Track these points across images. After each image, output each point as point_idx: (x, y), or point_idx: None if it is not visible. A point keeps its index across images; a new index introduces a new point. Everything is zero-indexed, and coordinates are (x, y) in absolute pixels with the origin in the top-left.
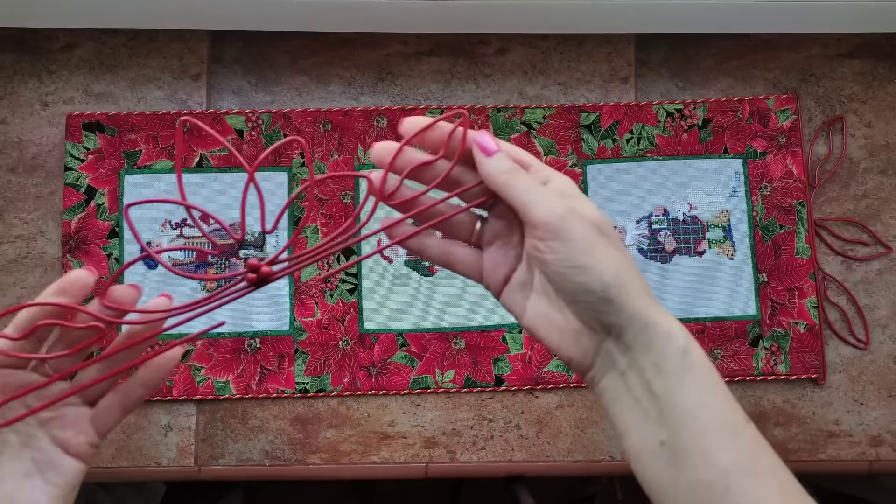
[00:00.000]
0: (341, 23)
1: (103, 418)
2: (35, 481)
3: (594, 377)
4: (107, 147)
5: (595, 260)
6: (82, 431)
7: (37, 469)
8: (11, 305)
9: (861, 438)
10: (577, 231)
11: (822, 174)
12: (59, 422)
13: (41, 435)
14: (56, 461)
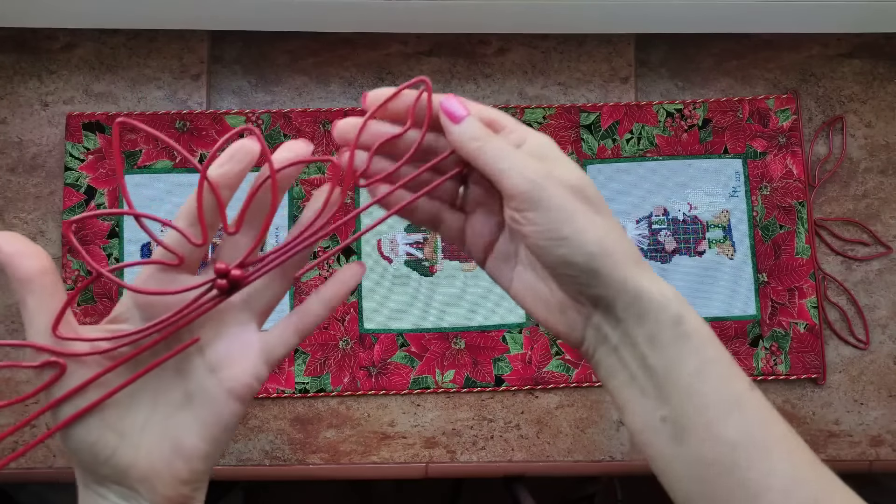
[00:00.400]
0: (341, 23)
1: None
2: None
3: (587, 350)
4: (107, 147)
5: (576, 229)
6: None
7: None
8: (11, 306)
9: (861, 438)
10: (555, 199)
11: (822, 174)
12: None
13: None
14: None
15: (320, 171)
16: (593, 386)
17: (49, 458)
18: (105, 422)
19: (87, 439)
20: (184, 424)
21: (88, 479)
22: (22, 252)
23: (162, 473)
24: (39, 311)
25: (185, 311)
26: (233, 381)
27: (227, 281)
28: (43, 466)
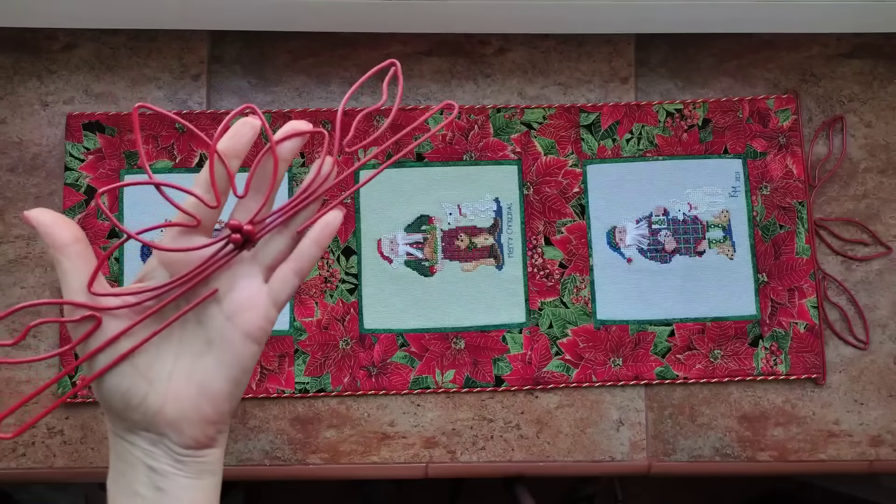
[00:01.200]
0: (341, 23)
1: (279, 286)
2: (208, 360)
3: None
4: (107, 147)
5: None
6: (257, 303)
7: (210, 348)
8: (12, 306)
9: (861, 438)
10: None
11: (822, 174)
12: (235, 296)
13: (216, 312)
14: (229, 339)
15: None
16: (593, 386)
17: (49, 458)
18: (136, 369)
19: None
20: (208, 368)
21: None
22: (57, 222)
23: (189, 415)
24: (74, 273)
25: (205, 266)
26: (247, 324)
27: (240, 235)
28: (43, 466)
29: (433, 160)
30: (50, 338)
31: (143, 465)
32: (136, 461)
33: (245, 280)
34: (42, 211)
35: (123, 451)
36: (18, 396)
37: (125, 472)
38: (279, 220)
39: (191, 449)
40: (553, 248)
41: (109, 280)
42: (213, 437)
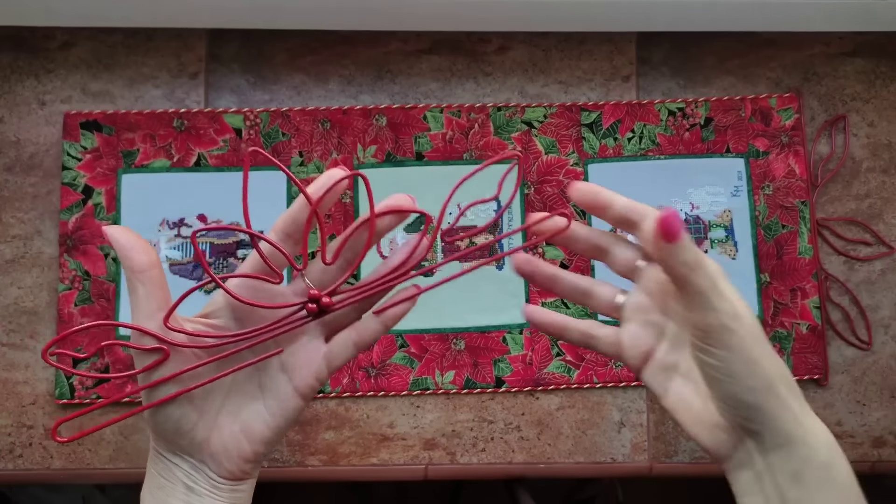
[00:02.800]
0: (340, 21)
1: (337, 352)
2: (257, 406)
3: (728, 467)
4: (104, 146)
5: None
6: (313, 362)
7: (262, 394)
8: (9, 307)
9: (863, 439)
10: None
11: (824, 173)
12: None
13: (274, 361)
14: (281, 391)
15: (319, 170)
16: (594, 387)
17: (47, 459)
18: (190, 401)
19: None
20: (255, 412)
21: (163, 447)
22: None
23: (230, 450)
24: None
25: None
26: (299, 380)
27: (317, 306)
28: (40, 468)
29: (433, 159)
30: (47, 338)
31: (182, 484)
32: (176, 479)
33: (306, 338)
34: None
35: (165, 468)
36: (16, 397)
37: (164, 487)
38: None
39: (226, 480)
40: (554, 248)
41: (107, 280)
42: (247, 473)
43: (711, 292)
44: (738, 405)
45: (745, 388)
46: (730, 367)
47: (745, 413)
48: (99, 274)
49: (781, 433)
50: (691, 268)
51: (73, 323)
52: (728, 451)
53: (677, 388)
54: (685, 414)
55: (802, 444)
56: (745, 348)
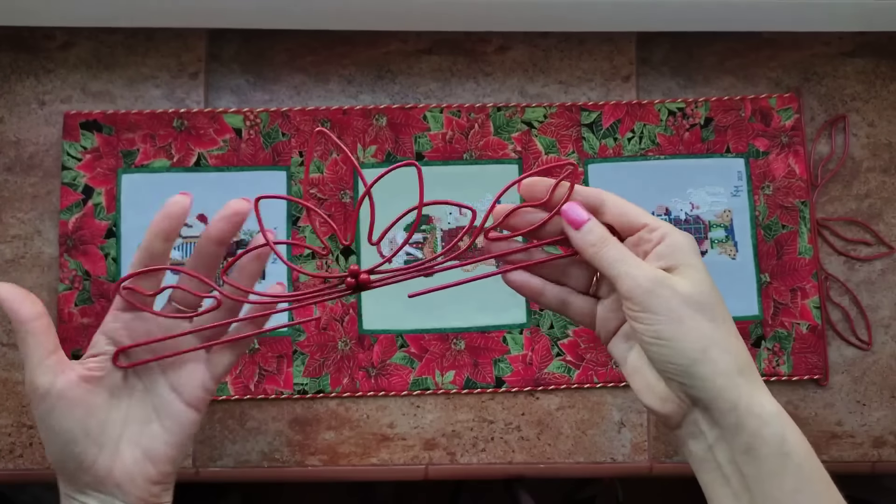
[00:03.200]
0: (340, 21)
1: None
2: (154, 428)
3: (679, 437)
4: (104, 146)
5: (680, 333)
6: (198, 377)
7: (156, 415)
8: None
9: (864, 440)
10: (663, 304)
11: (824, 173)
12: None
13: (162, 382)
14: (173, 409)
15: (319, 170)
16: (594, 387)
17: (47, 459)
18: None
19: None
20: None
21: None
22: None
23: (135, 477)
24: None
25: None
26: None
27: (355, 280)
28: (40, 468)
29: (433, 159)
30: None
31: None
32: None
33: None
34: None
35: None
36: (16, 397)
37: None
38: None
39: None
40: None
41: (107, 280)
42: (157, 495)
43: (623, 263)
44: (672, 370)
45: (676, 350)
46: (657, 330)
47: (682, 378)
48: (99, 274)
49: (726, 403)
50: (599, 246)
51: (74, 323)
52: (678, 421)
53: (635, 358)
54: (640, 383)
55: (750, 415)
56: (672, 310)
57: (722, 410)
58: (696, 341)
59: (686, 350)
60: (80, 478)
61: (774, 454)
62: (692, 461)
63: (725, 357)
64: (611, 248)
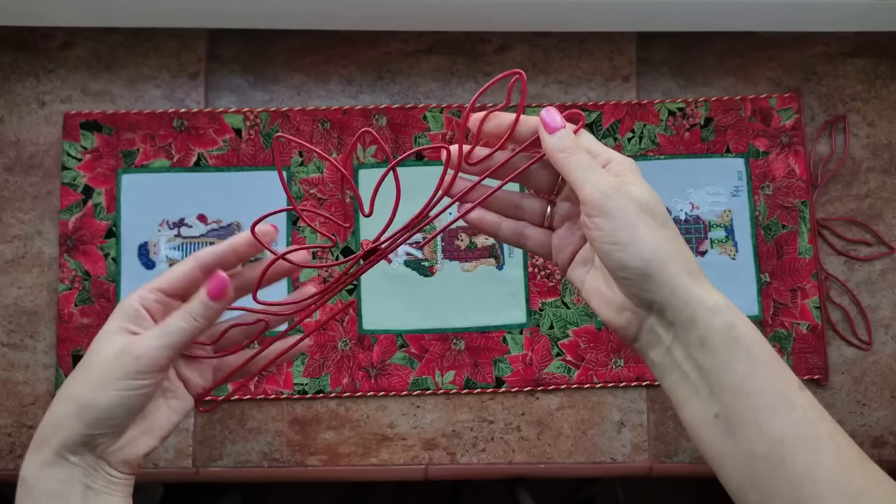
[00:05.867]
0: (340, 21)
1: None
2: (160, 404)
3: (641, 349)
4: (104, 146)
5: (635, 237)
6: (203, 376)
7: (163, 395)
8: (9, 307)
9: (864, 440)
10: (620, 209)
11: (824, 173)
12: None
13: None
14: (179, 392)
15: (319, 170)
16: (594, 387)
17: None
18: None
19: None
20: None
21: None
22: None
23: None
24: None
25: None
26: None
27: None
28: None
29: (433, 159)
30: (47, 338)
31: (80, 485)
32: (74, 481)
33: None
34: None
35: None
36: (16, 397)
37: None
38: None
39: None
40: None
41: (107, 280)
42: (142, 465)
43: (588, 170)
44: (629, 274)
45: (632, 254)
46: (614, 234)
47: (638, 282)
48: (99, 274)
49: (679, 301)
50: (569, 152)
51: (74, 323)
52: (636, 330)
53: (591, 278)
54: (598, 300)
55: (701, 308)
56: (627, 216)
57: (676, 308)
58: (651, 243)
59: (641, 252)
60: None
61: (725, 342)
62: (655, 370)
63: (677, 258)
64: (580, 155)
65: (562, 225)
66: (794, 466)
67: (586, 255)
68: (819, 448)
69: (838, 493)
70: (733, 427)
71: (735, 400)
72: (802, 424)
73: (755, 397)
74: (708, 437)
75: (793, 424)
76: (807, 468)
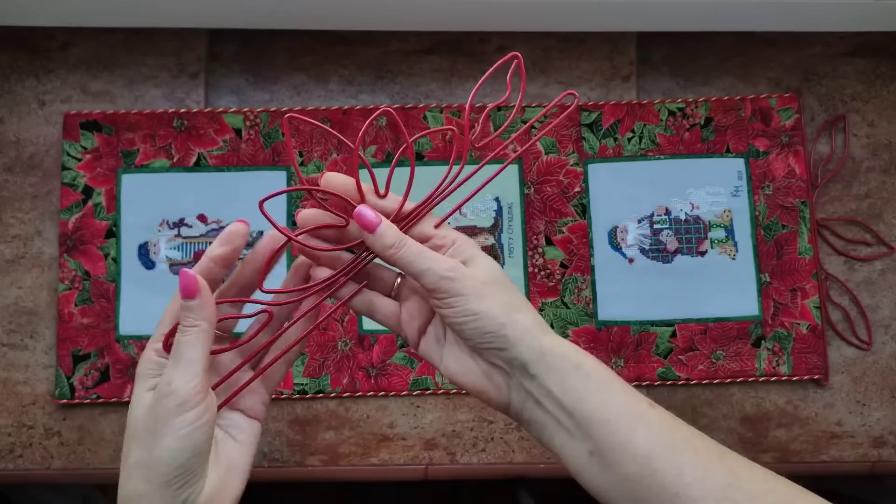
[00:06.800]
0: (340, 21)
1: (272, 375)
2: (228, 443)
3: (516, 411)
4: (104, 146)
5: (486, 306)
6: (256, 393)
7: (227, 433)
8: (9, 307)
9: (863, 440)
10: (466, 286)
11: (824, 174)
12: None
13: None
14: (240, 424)
15: (319, 170)
16: None
17: (46, 459)
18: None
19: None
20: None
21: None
22: None
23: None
24: None
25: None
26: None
27: None
28: (40, 468)
29: (433, 159)
30: (47, 338)
31: None
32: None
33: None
34: None
35: None
36: (16, 397)
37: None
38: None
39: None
40: (554, 248)
41: (107, 280)
42: None
43: (423, 259)
44: (489, 339)
45: (488, 320)
46: (467, 307)
47: (499, 343)
48: (99, 274)
49: (535, 353)
50: (397, 247)
51: (73, 323)
52: (507, 391)
53: (451, 353)
54: (463, 373)
55: (553, 355)
56: (473, 288)
57: (534, 361)
58: (501, 307)
59: (496, 316)
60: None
61: (579, 379)
62: (533, 429)
63: (525, 316)
64: (409, 247)
65: (409, 297)
66: (664, 476)
67: (438, 333)
68: (680, 453)
69: (708, 490)
70: (605, 457)
71: (600, 430)
72: (660, 435)
73: (614, 423)
74: (590, 476)
75: (651, 437)
76: (675, 474)
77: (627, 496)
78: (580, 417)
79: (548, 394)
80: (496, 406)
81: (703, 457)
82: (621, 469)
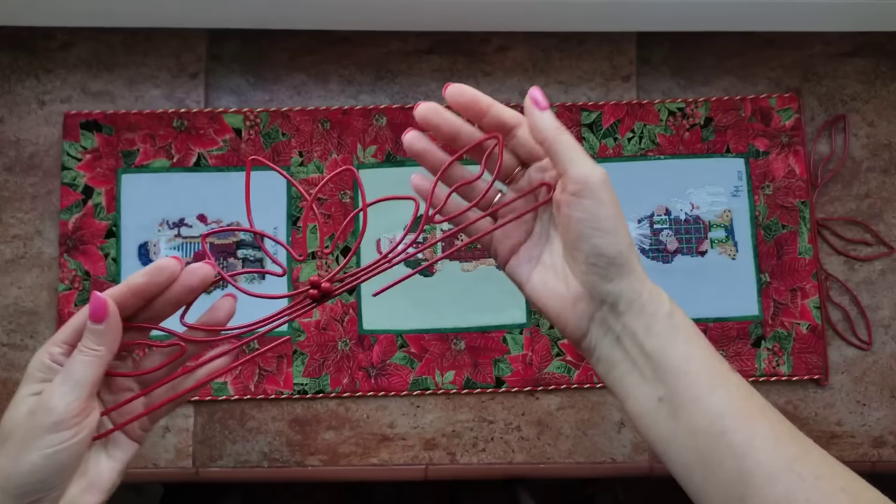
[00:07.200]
0: (340, 21)
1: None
2: (101, 457)
3: (590, 344)
4: (104, 146)
5: (616, 227)
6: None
7: (103, 448)
8: (9, 307)
9: (863, 440)
10: (609, 197)
11: (824, 173)
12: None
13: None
14: (118, 442)
15: (319, 170)
16: (594, 387)
17: None
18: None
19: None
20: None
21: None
22: None
23: None
24: None
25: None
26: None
27: (318, 291)
28: None
29: None
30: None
31: None
32: None
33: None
34: None
35: None
36: None
37: None
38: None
39: None
40: None
41: (107, 280)
42: None
43: (577, 151)
44: (600, 262)
45: (610, 242)
46: (598, 220)
47: (605, 271)
48: (99, 274)
49: (633, 292)
50: (558, 132)
51: None
52: (587, 322)
53: (539, 275)
54: (547, 296)
55: (648, 297)
56: (612, 203)
57: (629, 299)
58: (626, 237)
59: (618, 243)
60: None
61: (667, 328)
62: (601, 366)
63: (635, 254)
64: (569, 135)
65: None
66: (734, 436)
67: (532, 253)
68: (754, 419)
69: (776, 458)
70: (676, 407)
71: (677, 380)
72: (737, 399)
73: (695, 376)
74: (653, 422)
75: (729, 399)
76: (746, 437)
77: (689, 447)
78: (658, 363)
79: (632, 335)
80: (570, 335)
81: (776, 428)
82: (691, 420)
